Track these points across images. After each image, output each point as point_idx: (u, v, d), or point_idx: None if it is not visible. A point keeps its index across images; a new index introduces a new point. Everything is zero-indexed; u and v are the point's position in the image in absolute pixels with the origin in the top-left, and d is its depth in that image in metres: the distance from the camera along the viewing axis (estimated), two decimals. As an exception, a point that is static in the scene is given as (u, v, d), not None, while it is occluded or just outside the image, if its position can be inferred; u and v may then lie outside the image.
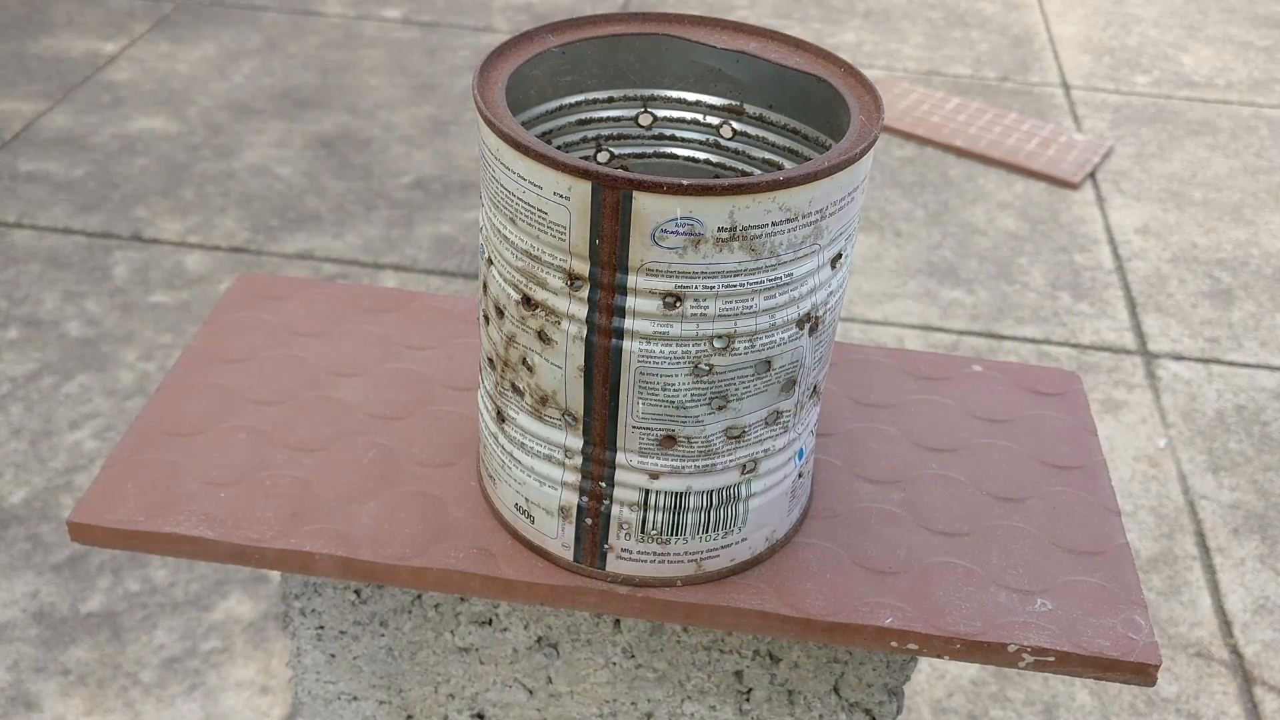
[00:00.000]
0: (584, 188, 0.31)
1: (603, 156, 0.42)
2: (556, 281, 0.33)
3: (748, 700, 0.46)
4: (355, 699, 0.51)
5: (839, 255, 0.36)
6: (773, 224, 0.32)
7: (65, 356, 1.66)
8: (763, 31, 0.40)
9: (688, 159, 0.42)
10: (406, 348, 0.51)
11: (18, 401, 1.58)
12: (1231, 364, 1.78)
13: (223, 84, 2.39)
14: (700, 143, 0.42)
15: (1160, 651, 0.39)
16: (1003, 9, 2.92)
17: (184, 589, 1.34)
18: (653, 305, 0.33)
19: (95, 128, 2.21)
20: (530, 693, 0.46)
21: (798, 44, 0.39)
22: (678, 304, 0.32)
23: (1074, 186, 2.18)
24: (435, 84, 2.43)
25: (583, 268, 0.33)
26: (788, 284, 0.34)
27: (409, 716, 0.51)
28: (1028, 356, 1.76)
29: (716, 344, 0.33)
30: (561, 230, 0.32)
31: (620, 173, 0.31)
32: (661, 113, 0.41)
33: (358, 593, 0.47)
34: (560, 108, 0.41)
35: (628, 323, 0.32)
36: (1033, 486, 0.46)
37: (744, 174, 0.42)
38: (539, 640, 0.45)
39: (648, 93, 0.41)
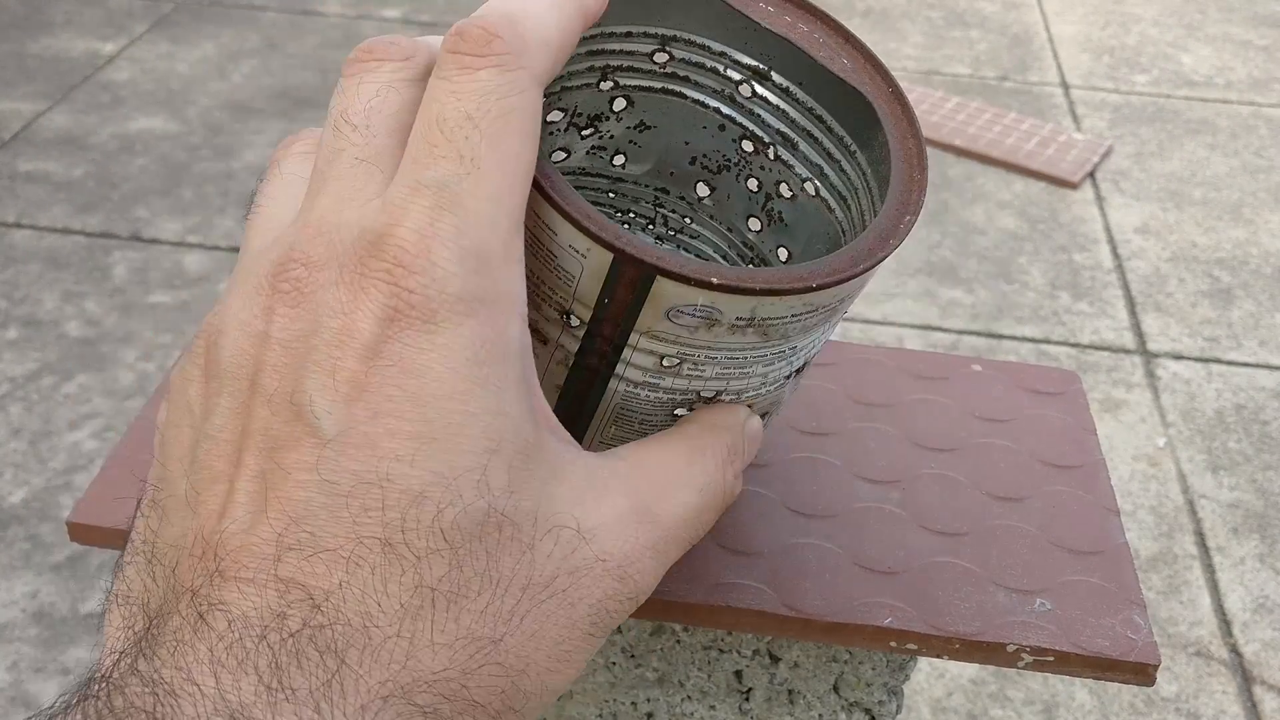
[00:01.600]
0: (605, 256, 0.29)
1: (606, 84, 0.39)
2: (552, 312, 0.31)
3: (748, 700, 0.46)
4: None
5: (832, 325, 0.34)
6: (792, 315, 0.31)
7: (65, 356, 1.66)
8: (815, 12, 0.36)
9: (697, 102, 0.39)
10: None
11: (17, 401, 1.58)
12: (1231, 363, 1.78)
13: (222, 84, 2.39)
14: (715, 91, 0.39)
15: (1160, 651, 0.39)
16: (1002, 8, 2.92)
17: (184, 589, 1.34)
18: (649, 362, 0.31)
19: (95, 128, 2.21)
20: None
21: (848, 38, 0.36)
22: (676, 366, 0.31)
23: (1073, 186, 2.18)
24: (435, 84, 2.43)
25: (584, 313, 0.31)
26: (790, 354, 0.32)
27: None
28: (1027, 356, 1.76)
29: (704, 395, 0.33)
30: (570, 277, 0.30)
31: (652, 256, 0.28)
32: (680, 54, 0.38)
33: (357, 592, 0.47)
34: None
35: (619, 369, 0.31)
36: (1032, 486, 0.46)
37: (754, 137, 0.39)
38: (539, 640, 0.45)
39: (670, 33, 0.38)
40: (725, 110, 0.39)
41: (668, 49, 0.37)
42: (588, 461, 0.28)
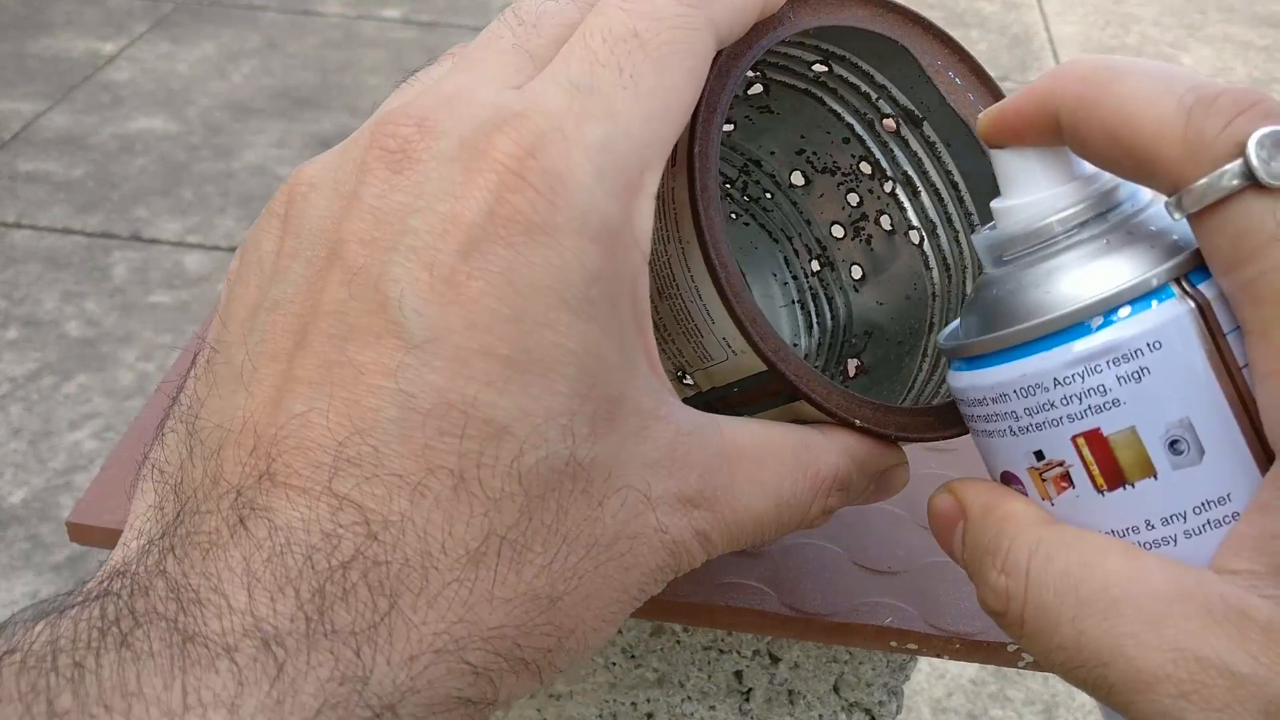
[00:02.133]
0: (755, 363, 0.28)
1: (753, 72, 0.38)
2: (666, 361, 0.31)
3: (748, 700, 0.46)
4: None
5: None
6: None
7: (65, 356, 1.66)
8: (998, 96, 0.35)
9: (833, 112, 0.38)
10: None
11: (17, 401, 1.58)
12: (1231, 363, 1.78)
13: (222, 84, 2.39)
14: (856, 111, 0.38)
15: (1160, 651, 0.39)
16: (1002, 9, 2.92)
17: (184, 589, 1.34)
18: None
19: (95, 128, 2.21)
20: (530, 694, 0.46)
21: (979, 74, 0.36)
22: None
23: (1073, 186, 2.17)
24: (435, 84, 2.43)
25: (704, 383, 0.31)
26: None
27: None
28: (1027, 356, 1.76)
29: None
30: (707, 357, 0.30)
31: (803, 368, 0.28)
32: (839, 71, 0.37)
33: (357, 593, 0.47)
34: None
35: None
36: (1032, 486, 0.46)
37: (876, 164, 0.38)
38: (539, 640, 0.45)
39: (840, 53, 0.36)
40: (858, 130, 0.38)
41: (830, 64, 0.36)
42: (678, 425, 0.26)
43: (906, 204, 0.38)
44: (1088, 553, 0.25)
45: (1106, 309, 0.25)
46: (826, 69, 0.37)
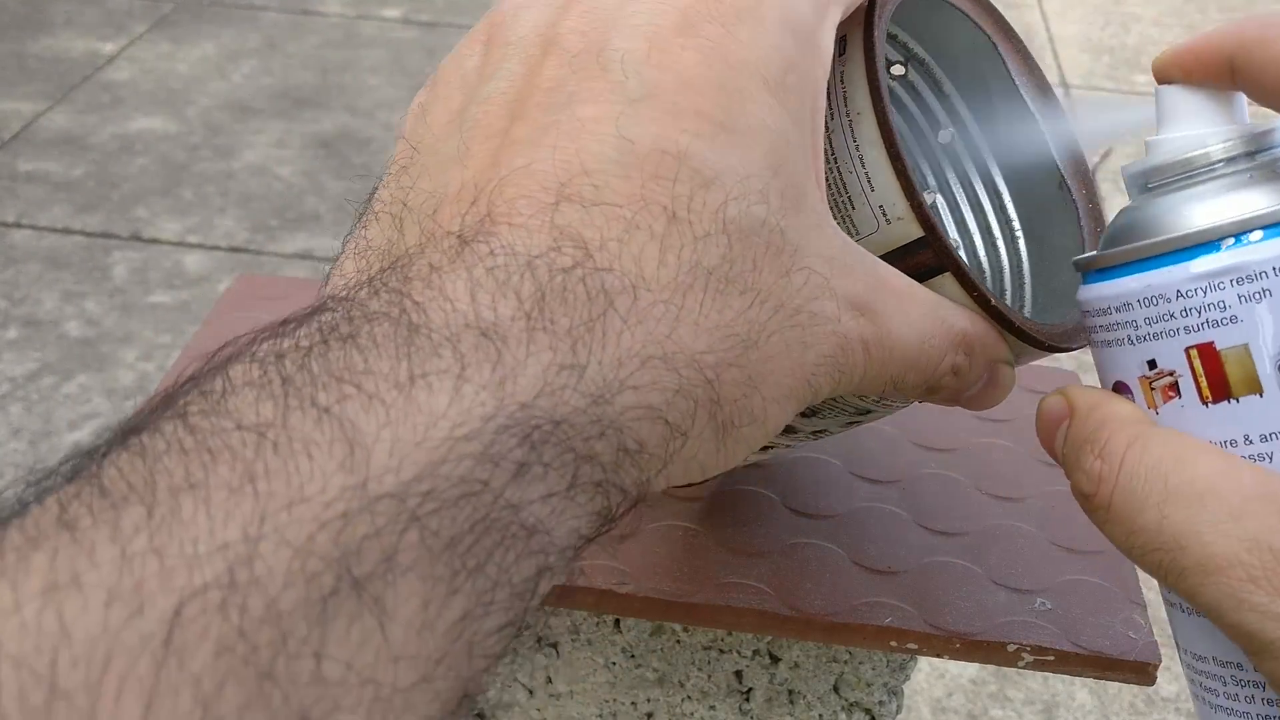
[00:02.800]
0: (910, 230, 0.31)
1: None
2: None
3: (748, 700, 0.46)
4: (355, 699, 0.51)
5: None
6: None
7: (65, 356, 1.66)
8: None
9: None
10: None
11: (17, 401, 1.58)
12: (1231, 363, 1.78)
13: (222, 84, 2.39)
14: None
15: (1160, 650, 0.39)
16: (1002, 9, 2.91)
17: (184, 589, 1.34)
18: None
19: (94, 128, 2.21)
20: (530, 693, 0.46)
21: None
22: None
23: (1073, 186, 2.18)
24: (435, 84, 2.43)
25: None
26: None
27: (409, 716, 0.51)
28: (1027, 356, 1.76)
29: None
30: (853, 230, 0.32)
31: (951, 245, 0.30)
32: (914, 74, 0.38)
33: (357, 592, 0.47)
34: None
35: None
36: (1032, 486, 0.46)
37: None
38: (539, 640, 0.45)
39: (923, 55, 0.38)
40: (910, 139, 0.40)
41: (908, 66, 0.38)
42: (845, 239, 0.28)
43: (945, 213, 0.39)
44: (1183, 449, 0.27)
45: (1239, 231, 0.27)
46: (903, 73, 0.38)
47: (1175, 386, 0.28)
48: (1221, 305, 0.27)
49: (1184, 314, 0.27)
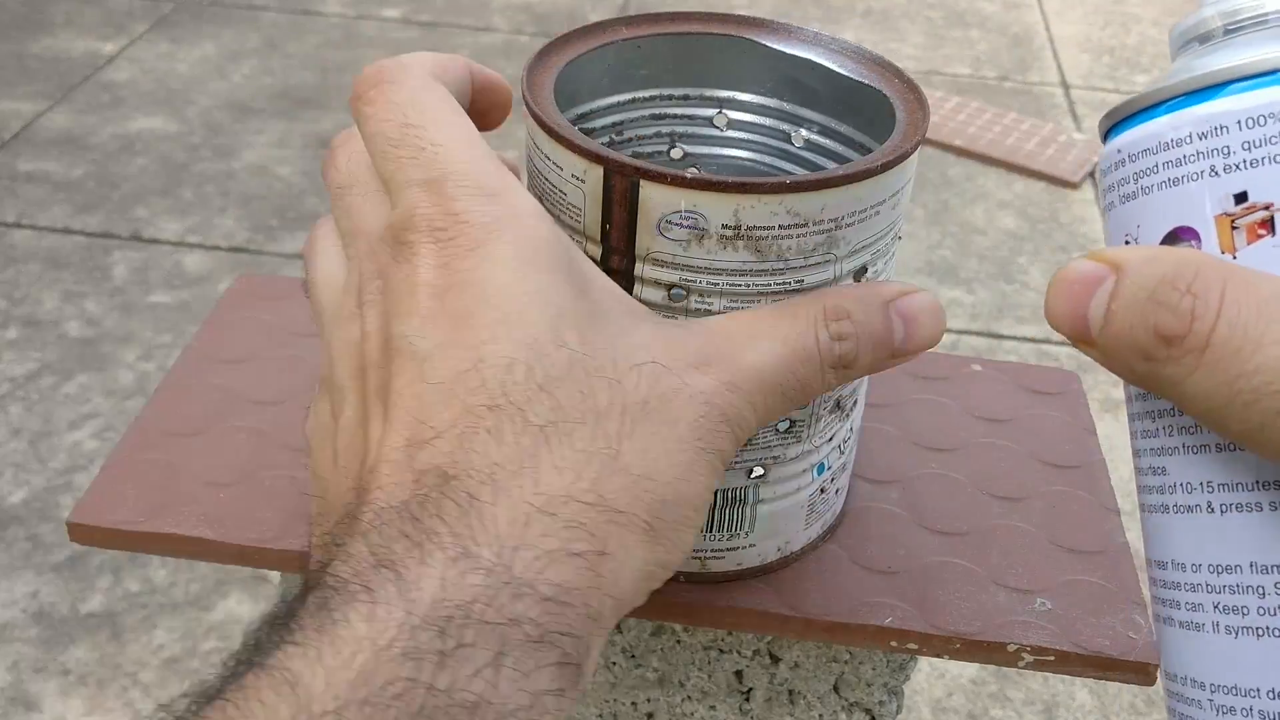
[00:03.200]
0: (597, 172, 0.32)
1: (676, 153, 0.42)
2: None
3: (748, 700, 0.46)
4: (355, 699, 0.51)
5: (862, 268, 0.34)
6: (779, 227, 0.31)
7: (65, 356, 1.66)
8: (828, 40, 0.39)
9: (752, 161, 0.41)
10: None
11: (18, 401, 1.58)
12: (1231, 363, 1.78)
13: (222, 84, 2.39)
14: (771, 148, 0.41)
15: (1160, 651, 0.39)
16: (1002, 8, 2.92)
17: (184, 589, 1.34)
18: (658, 295, 0.33)
19: (95, 128, 2.21)
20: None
21: (862, 55, 0.39)
22: (683, 297, 0.32)
23: (1073, 186, 2.18)
24: (435, 84, 2.43)
25: (595, 251, 0.33)
26: (798, 290, 0.33)
27: (409, 716, 0.51)
28: (1027, 356, 1.76)
29: None
30: (578, 212, 0.33)
31: (632, 161, 0.31)
32: (735, 115, 0.41)
33: (358, 593, 0.47)
34: (634, 100, 0.40)
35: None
36: (1032, 486, 0.46)
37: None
38: (539, 640, 0.45)
39: (725, 94, 0.40)
40: (783, 166, 0.41)
41: (724, 111, 0.41)
42: (655, 321, 0.31)
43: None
44: None
45: None
46: (727, 119, 0.41)
47: (1269, 223, 0.25)
48: None
49: None
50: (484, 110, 0.38)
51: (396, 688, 0.24)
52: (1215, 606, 0.27)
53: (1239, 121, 0.25)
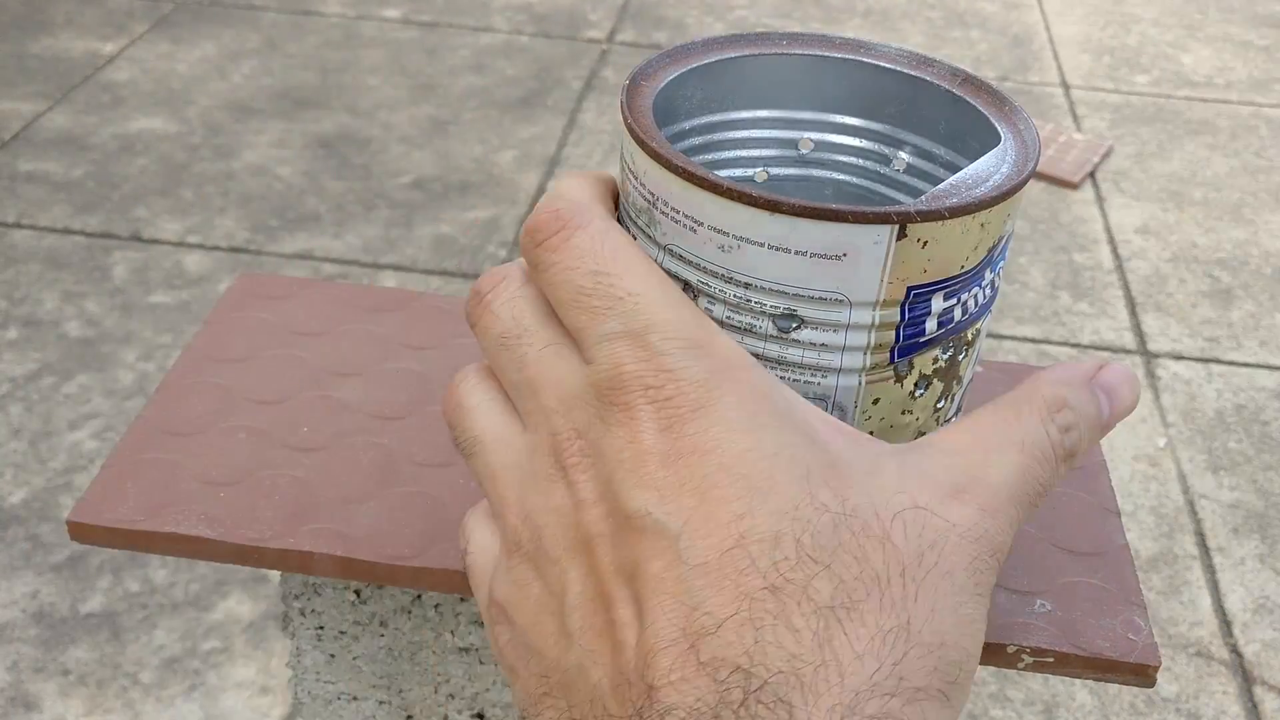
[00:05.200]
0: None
1: (760, 176, 0.40)
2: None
3: (747, 700, 0.46)
4: (355, 699, 0.51)
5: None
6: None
7: (65, 356, 1.66)
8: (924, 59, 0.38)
9: (844, 182, 0.40)
10: (406, 347, 0.51)
11: (18, 401, 1.58)
12: (1231, 363, 1.78)
13: (222, 84, 2.39)
14: (866, 170, 0.40)
15: (1160, 652, 0.39)
16: (1002, 8, 2.92)
17: (184, 589, 1.34)
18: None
19: (95, 128, 2.21)
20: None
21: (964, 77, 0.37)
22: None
23: (1073, 186, 2.18)
24: (435, 84, 2.43)
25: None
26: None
27: (409, 716, 0.51)
28: (1027, 356, 1.76)
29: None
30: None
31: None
32: (822, 136, 0.40)
33: (357, 593, 0.47)
34: (720, 123, 0.39)
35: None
36: (1032, 487, 0.46)
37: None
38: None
39: (810, 115, 0.39)
40: (878, 189, 0.40)
41: (809, 135, 0.39)
42: (895, 451, 0.30)
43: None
44: None
45: None
46: (812, 144, 0.39)
47: None
48: None
49: None
50: None
51: None
52: None
53: None
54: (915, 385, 0.33)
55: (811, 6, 2.88)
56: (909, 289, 0.31)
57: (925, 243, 0.30)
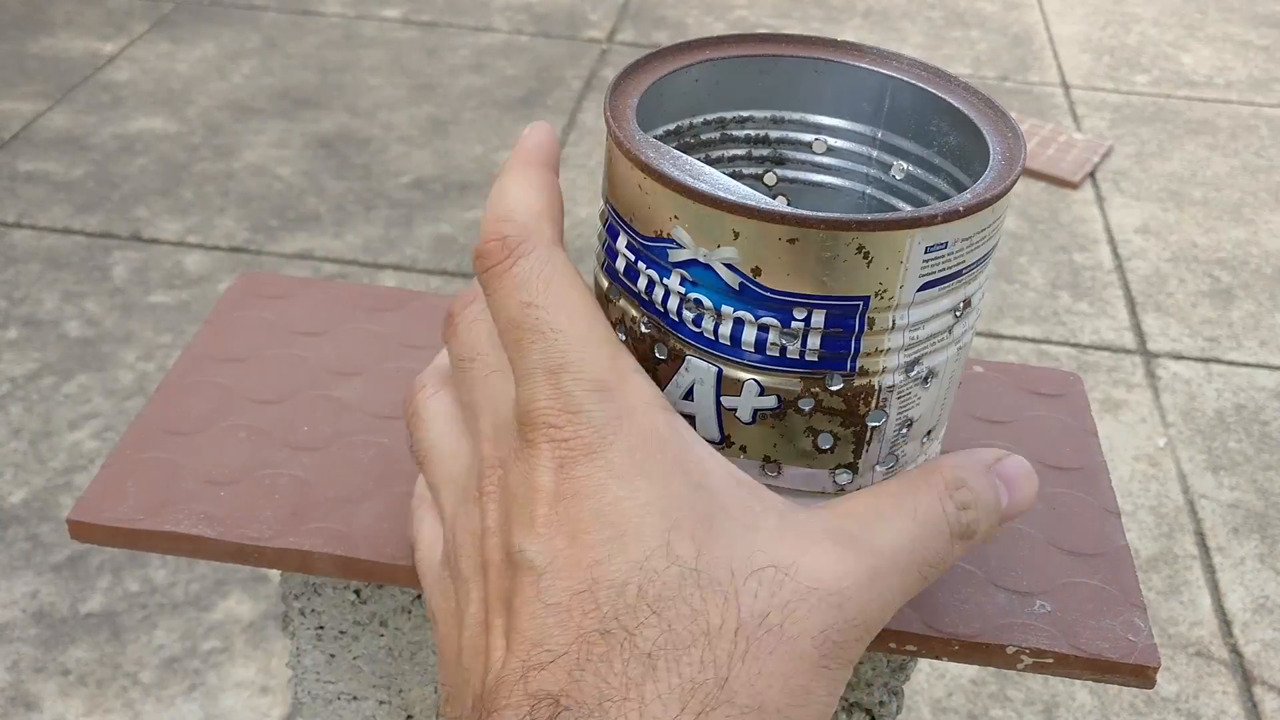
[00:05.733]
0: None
1: (770, 178, 0.40)
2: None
3: (747, 700, 0.46)
4: (355, 699, 0.51)
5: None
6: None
7: (65, 356, 1.66)
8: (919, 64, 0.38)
9: (848, 189, 0.40)
10: (406, 347, 0.51)
11: (18, 401, 1.58)
12: (1231, 363, 1.79)
13: (222, 84, 2.39)
14: (865, 177, 0.40)
15: (1160, 653, 0.39)
16: (1002, 8, 2.92)
17: (184, 589, 1.34)
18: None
19: (95, 128, 2.21)
20: None
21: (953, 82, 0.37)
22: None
23: (1074, 186, 2.18)
24: (435, 84, 2.43)
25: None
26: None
27: (409, 716, 0.51)
28: (1027, 356, 1.76)
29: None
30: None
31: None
32: (834, 142, 0.40)
33: (358, 593, 0.47)
34: (722, 120, 0.39)
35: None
36: (1032, 487, 0.46)
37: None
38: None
39: (816, 119, 0.39)
40: (870, 191, 0.40)
41: (823, 138, 0.39)
42: (784, 510, 0.30)
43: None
44: None
45: None
46: (826, 146, 0.39)
47: None
48: None
49: None
50: None
51: None
52: None
53: None
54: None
55: (812, 6, 2.88)
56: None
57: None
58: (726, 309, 0.31)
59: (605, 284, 0.34)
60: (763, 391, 0.31)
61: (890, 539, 0.30)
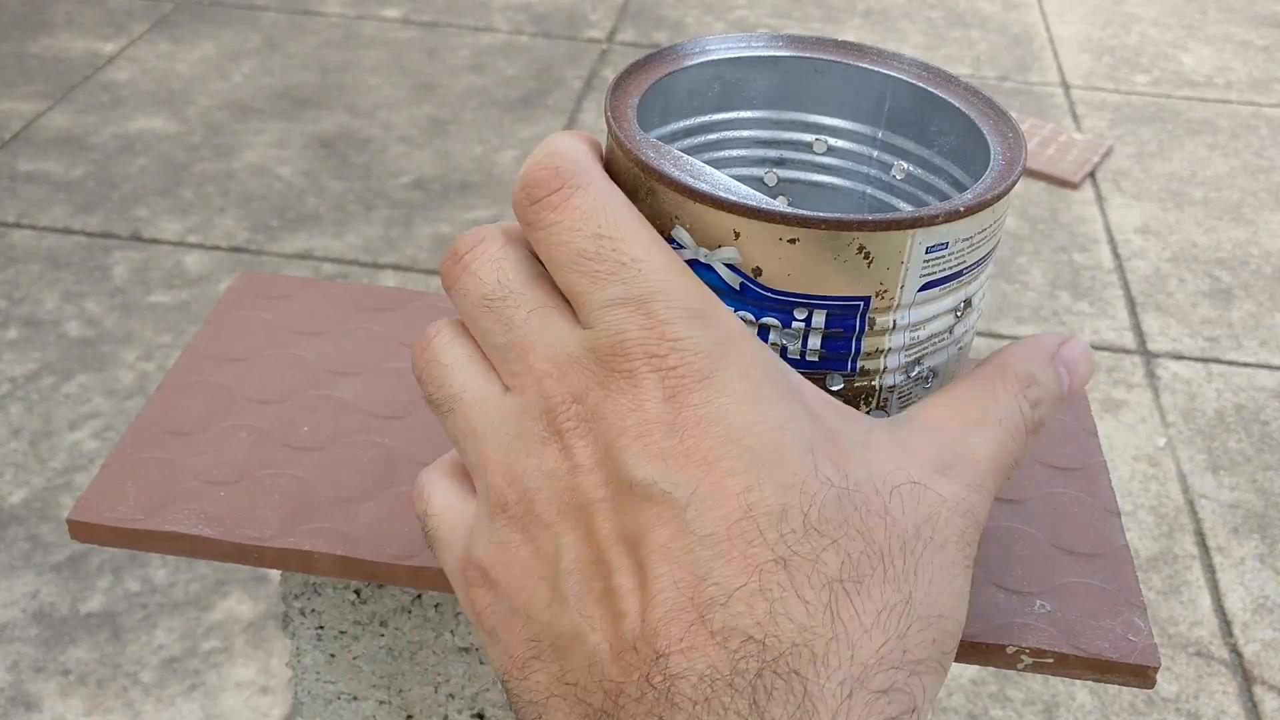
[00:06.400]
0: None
1: (772, 180, 0.40)
2: None
3: (747, 700, 0.46)
4: (355, 699, 0.51)
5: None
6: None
7: (65, 356, 1.66)
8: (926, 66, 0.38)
9: (849, 189, 0.40)
10: (407, 347, 0.51)
11: (18, 401, 1.58)
12: (1231, 363, 1.79)
13: (222, 84, 2.39)
14: (866, 177, 0.40)
15: (1159, 653, 0.39)
16: (1002, 8, 2.92)
17: (184, 589, 1.34)
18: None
19: (95, 128, 2.21)
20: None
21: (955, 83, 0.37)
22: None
23: (1074, 186, 2.18)
24: (435, 84, 2.43)
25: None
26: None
27: (409, 716, 0.51)
28: (1027, 356, 1.76)
29: None
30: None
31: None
32: (835, 143, 0.40)
33: (358, 593, 0.47)
34: (722, 120, 0.39)
35: None
36: (1033, 488, 0.46)
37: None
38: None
39: (817, 119, 0.39)
40: (870, 191, 0.40)
41: (824, 138, 0.39)
42: (884, 427, 0.30)
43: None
44: None
45: None
46: (826, 146, 0.39)
47: None
48: None
49: None
50: None
51: None
52: None
53: None
54: None
55: (811, 6, 2.88)
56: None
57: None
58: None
59: None
60: None
61: (984, 450, 0.30)
